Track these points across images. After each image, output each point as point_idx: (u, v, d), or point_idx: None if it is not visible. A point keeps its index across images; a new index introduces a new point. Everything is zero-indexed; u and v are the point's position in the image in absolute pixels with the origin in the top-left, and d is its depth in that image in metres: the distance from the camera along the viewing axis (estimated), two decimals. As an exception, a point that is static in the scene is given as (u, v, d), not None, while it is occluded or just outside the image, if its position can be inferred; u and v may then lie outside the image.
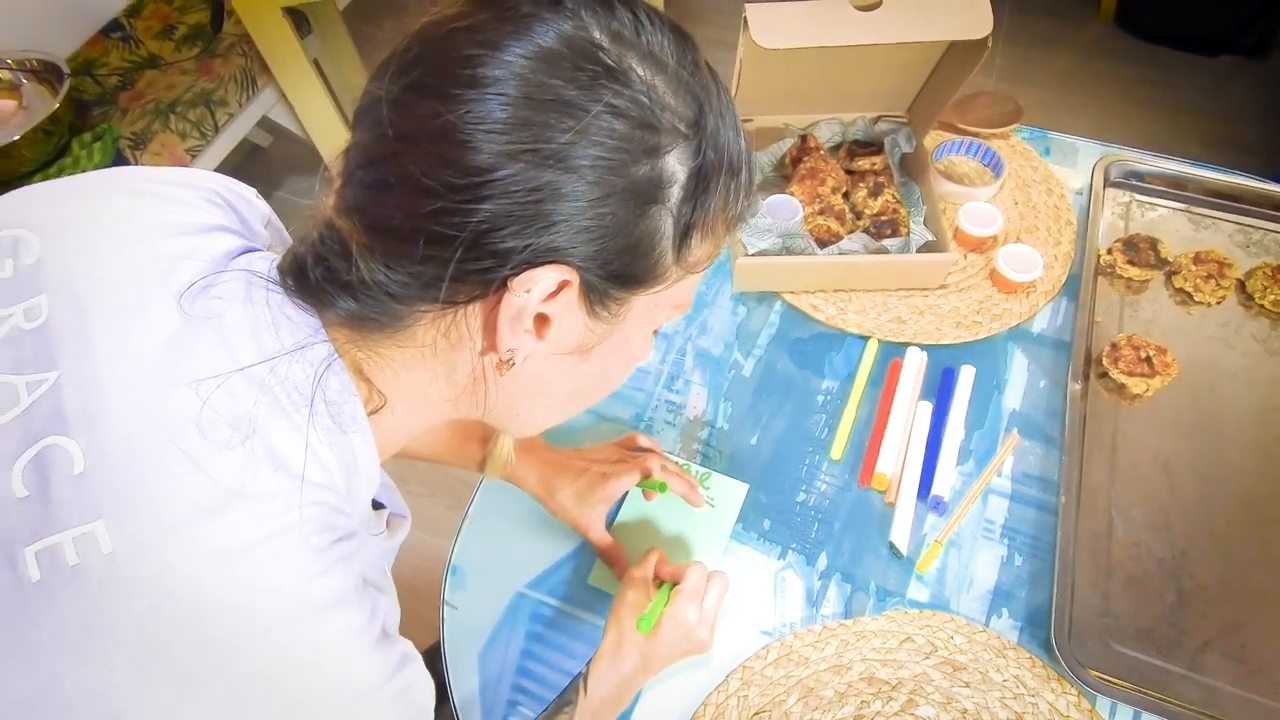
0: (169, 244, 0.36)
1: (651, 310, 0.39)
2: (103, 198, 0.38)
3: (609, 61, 0.32)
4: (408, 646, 0.37)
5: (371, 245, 0.33)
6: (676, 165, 0.34)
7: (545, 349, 0.37)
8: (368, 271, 0.33)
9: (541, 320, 0.35)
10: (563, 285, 0.34)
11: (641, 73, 0.33)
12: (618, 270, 0.35)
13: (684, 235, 0.36)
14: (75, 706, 0.29)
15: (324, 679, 0.33)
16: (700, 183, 0.35)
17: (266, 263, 0.37)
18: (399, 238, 0.33)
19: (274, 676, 0.31)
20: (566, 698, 0.57)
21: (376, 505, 0.46)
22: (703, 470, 0.73)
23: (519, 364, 0.37)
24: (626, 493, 0.72)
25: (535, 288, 0.33)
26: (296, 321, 0.35)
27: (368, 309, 0.35)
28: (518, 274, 0.33)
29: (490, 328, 0.35)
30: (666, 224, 0.35)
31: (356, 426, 0.36)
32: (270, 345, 0.34)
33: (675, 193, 0.35)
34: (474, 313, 0.35)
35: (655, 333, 0.43)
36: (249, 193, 0.43)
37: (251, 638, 0.31)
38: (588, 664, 0.58)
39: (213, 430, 0.32)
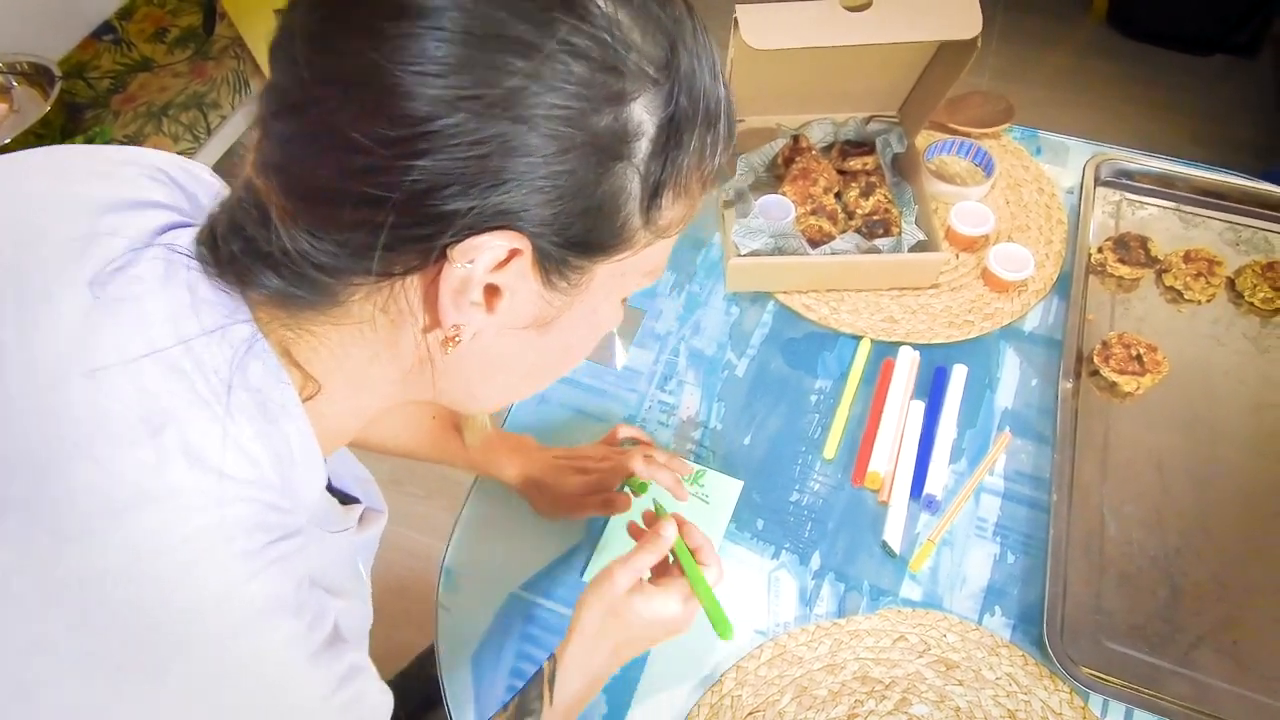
0: (87, 223, 0.32)
1: (618, 279, 0.35)
2: (20, 178, 0.35)
3: None
4: (359, 657, 0.35)
5: (293, 209, 0.29)
6: (644, 115, 0.30)
7: (497, 323, 0.33)
8: (289, 240, 0.29)
9: (492, 291, 0.32)
10: (513, 254, 0.30)
11: (603, 5, 0.29)
12: (577, 236, 0.31)
13: (653, 195, 0.32)
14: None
15: (256, 694, 0.30)
16: (672, 135, 0.31)
17: (192, 238, 0.34)
18: (322, 200, 0.29)
19: (200, 692, 0.29)
20: (528, 706, 0.52)
21: (347, 499, 0.43)
22: (698, 467, 0.73)
23: (467, 341, 0.33)
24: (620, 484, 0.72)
25: (480, 257, 0.29)
26: (215, 302, 0.31)
27: (293, 284, 0.31)
28: (459, 241, 0.29)
29: (431, 302, 0.31)
30: (632, 183, 0.31)
31: (288, 414, 0.32)
32: (190, 329, 0.30)
33: (643, 147, 0.30)
34: (413, 285, 0.31)
35: (624, 301, 0.39)
36: (201, 170, 0.39)
37: (172, 654, 0.28)
38: (547, 661, 0.53)
39: (118, 424, 0.28)
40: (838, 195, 0.88)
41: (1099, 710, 0.60)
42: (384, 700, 0.37)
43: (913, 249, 0.82)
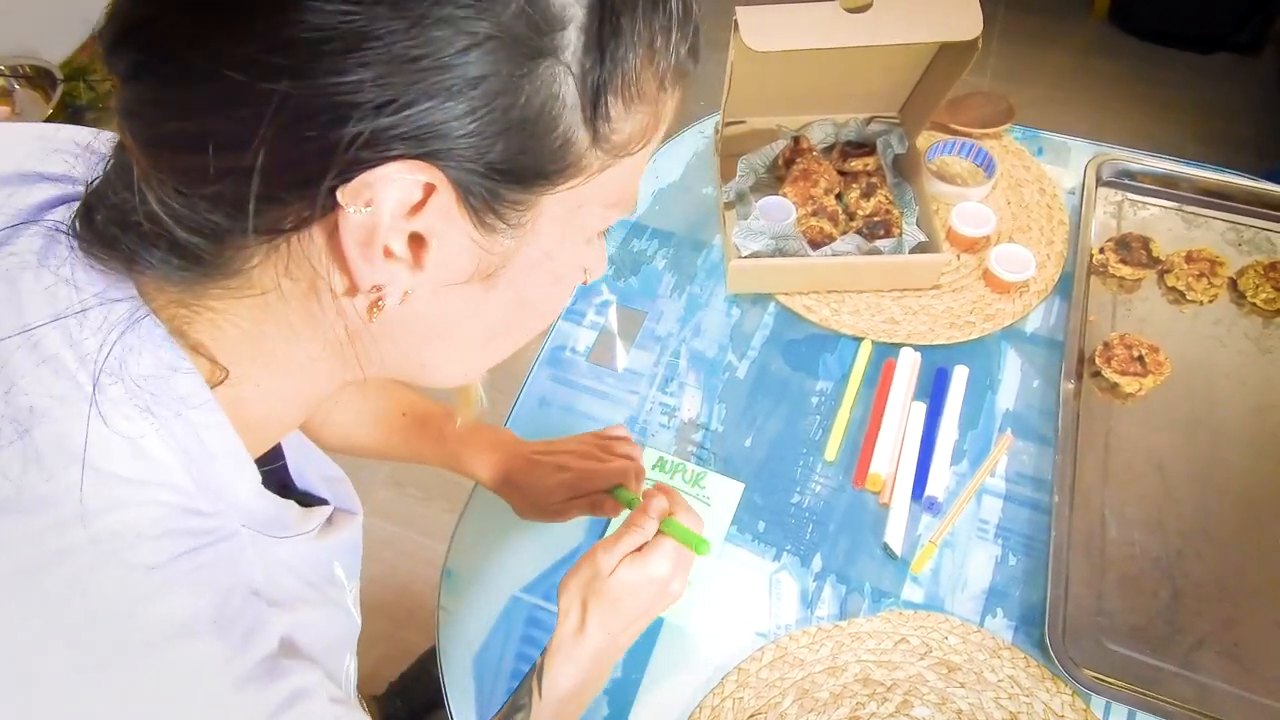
0: None
1: (573, 214, 0.29)
2: None
3: None
4: (309, 679, 0.30)
5: (151, 163, 0.25)
6: None
7: (429, 279, 0.27)
8: (157, 202, 0.25)
9: (416, 242, 0.26)
10: (428, 191, 0.25)
11: None
12: (504, 160, 0.25)
13: (594, 102, 0.26)
14: None
15: None
16: (607, 20, 0.25)
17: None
18: (182, 146, 0.24)
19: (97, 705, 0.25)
20: (519, 701, 0.50)
21: (313, 502, 0.39)
22: (698, 469, 0.73)
23: (395, 304, 0.28)
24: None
25: (380, 196, 0.24)
26: (93, 280, 0.27)
27: (174, 255, 0.26)
28: (347, 180, 0.24)
29: (339, 258, 0.26)
30: (566, 86, 0.25)
31: (193, 404, 0.27)
32: (64, 310, 0.27)
33: (571, 38, 0.25)
34: (314, 242, 0.26)
35: (601, 236, 0.33)
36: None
37: (65, 681, 0.24)
38: (539, 658, 0.50)
39: None
40: (839, 196, 0.88)
41: (1101, 712, 0.60)
42: None
43: (914, 250, 0.82)
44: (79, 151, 0.31)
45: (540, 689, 0.49)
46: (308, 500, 0.39)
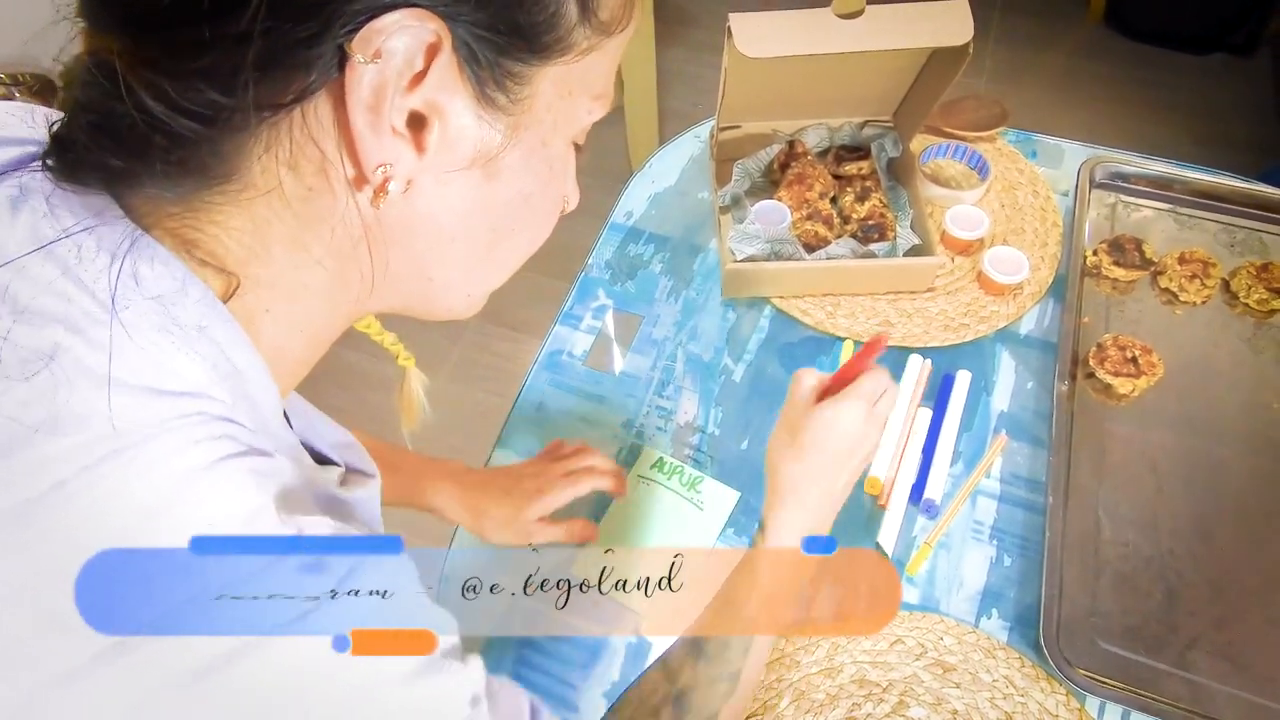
0: None
1: (565, 98, 0.29)
2: None
3: None
4: (446, 620, 0.31)
5: (138, 49, 0.24)
6: None
7: (432, 164, 0.27)
8: (146, 92, 0.24)
9: (418, 124, 0.26)
10: (432, 50, 0.25)
11: None
12: (503, 19, 0.25)
13: None
14: None
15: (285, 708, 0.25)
16: None
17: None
18: (171, 18, 0.23)
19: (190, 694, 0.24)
20: (731, 590, 0.48)
21: (324, 460, 0.38)
22: (696, 473, 0.74)
23: (400, 195, 0.28)
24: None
25: (388, 48, 0.24)
26: (74, 207, 0.26)
27: (168, 157, 0.25)
28: (356, 31, 0.23)
29: (347, 136, 0.25)
30: None
31: (209, 316, 0.26)
32: (48, 237, 0.26)
33: None
34: (318, 119, 0.25)
35: (578, 146, 0.33)
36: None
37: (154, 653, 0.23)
38: (755, 535, 0.50)
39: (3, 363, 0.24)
40: (833, 200, 0.89)
41: (1095, 712, 0.60)
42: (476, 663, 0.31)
43: (908, 253, 0.82)
44: (23, 115, 0.30)
45: (765, 534, 0.48)
46: (320, 461, 0.38)
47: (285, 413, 0.32)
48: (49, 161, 0.27)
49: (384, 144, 0.26)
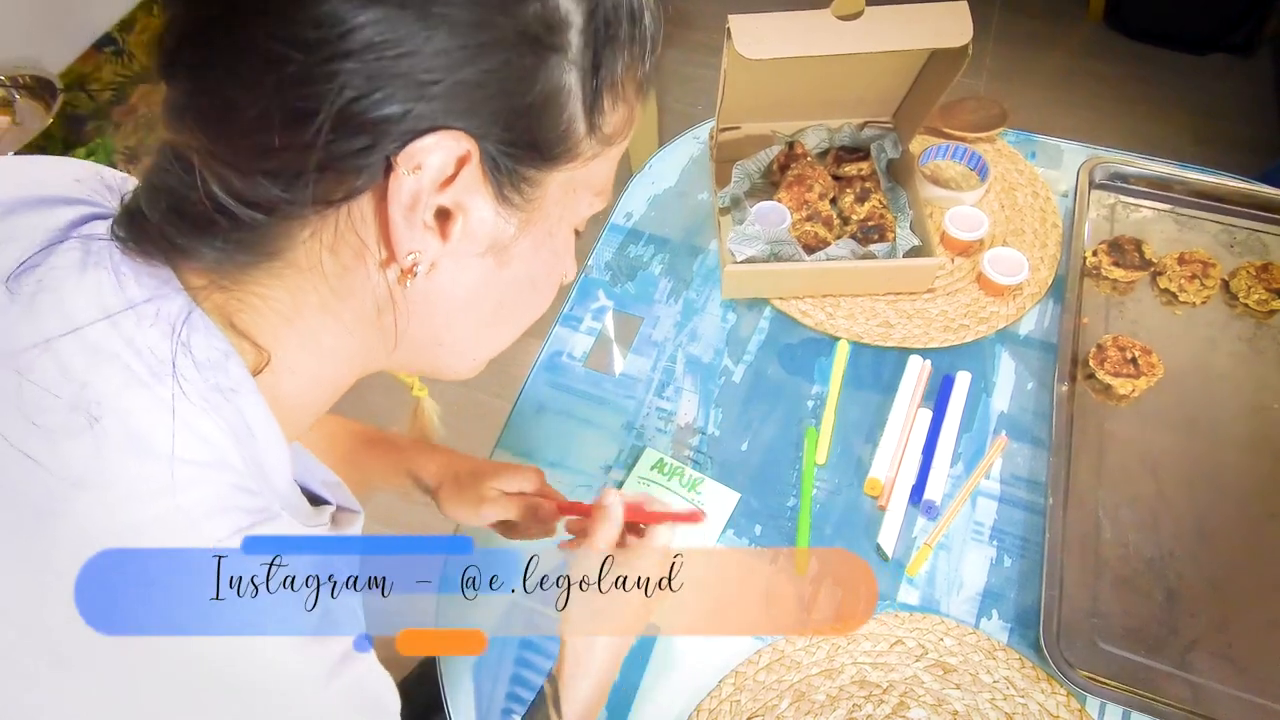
0: None
1: (570, 195, 0.34)
2: None
3: None
4: (355, 635, 0.34)
5: (214, 147, 0.28)
6: (569, 5, 0.29)
7: (454, 251, 0.31)
8: (217, 183, 0.28)
9: (444, 216, 0.30)
10: (461, 161, 0.29)
11: None
12: (524, 138, 0.30)
13: (594, 95, 0.31)
14: None
15: (243, 682, 0.29)
16: (601, 27, 0.30)
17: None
18: (247, 126, 0.27)
19: (182, 682, 0.28)
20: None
21: (318, 501, 0.41)
22: (696, 475, 0.74)
23: (425, 274, 0.31)
24: (619, 485, 0.73)
25: (427, 163, 0.28)
26: (140, 278, 0.29)
27: (227, 240, 0.29)
28: (401, 148, 0.27)
29: (384, 228, 0.29)
30: (571, 77, 0.30)
31: (239, 388, 0.30)
32: (114, 307, 0.29)
33: (574, 40, 0.30)
34: (360, 215, 0.29)
35: (578, 233, 0.38)
36: (121, 177, 0.38)
37: (144, 647, 0.27)
38: (550, 681, 0.52)
39: (45, 415, 0.27)
40: (833, 201, 0.89)
41: (1096, 713, 0.60)
42: (387, 684, 0.35)
43: (908, 254, 0.82)
44: (84, 177, 0.34)
45: (560, 712, 0.50)
46: (314, 500, 0.41)
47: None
48: (118, 231, 0.30)
49: (415, 235, 0.30)
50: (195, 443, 0.28)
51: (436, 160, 0.28)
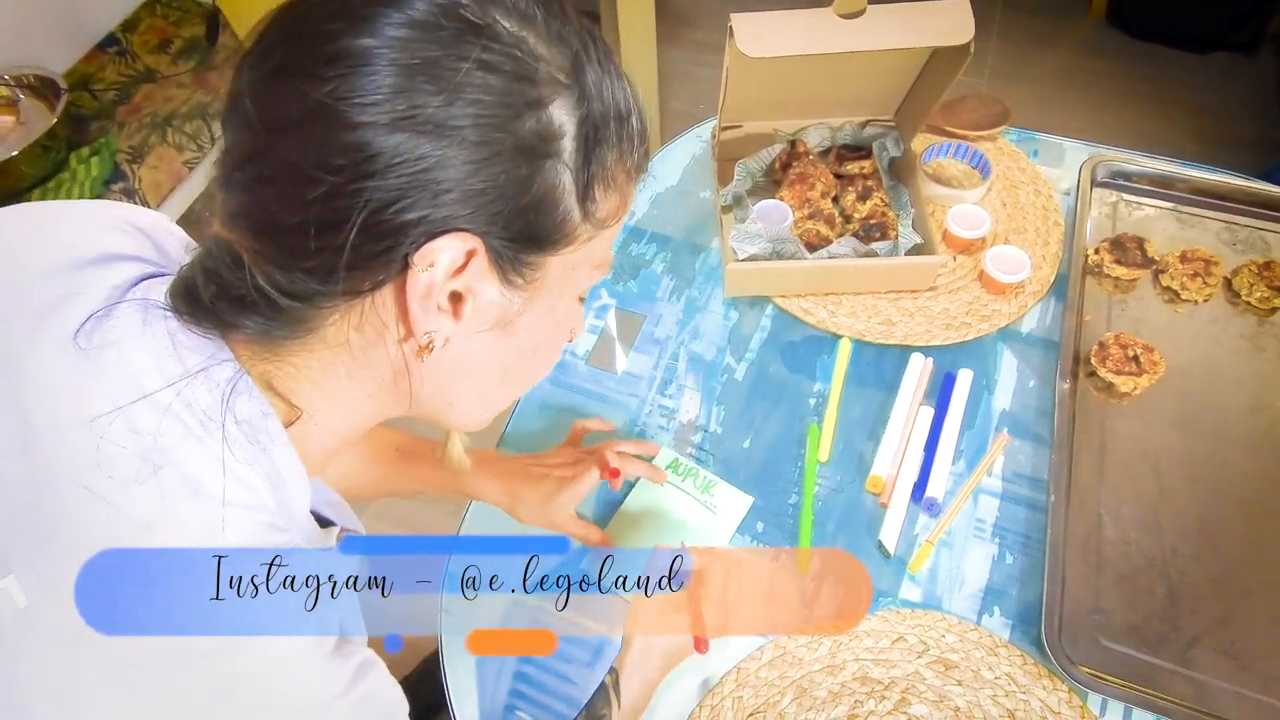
0: (59, 281, 0.36)
1: (569, 272, 0.38)
2: None
3: (473, 18, 0.31)
4: (368, 655, 0.37)
5: (261, 248, 0.33)
6: (563, 116, 0.33)
7: (465, 328, 0.36)
8: (262, 277, 0.32)
9: (456, 299, 0.34)
10: (469, 255, 0.33)
11: (509, 26, 0.32)
12: (523, 232, 0.34)
13: (586, 189, 0.35)
14: None
15: (271, 695, 0.33)
16: (590, 132, 0.34)
17: (164, 289, 0.36)
18: (288, 233, 0.32)
19: (218, 693, 0.32)
20: (596, 712, 0.57)
21: (325, 523, 0.46)
22: (711, 477, 0.74)
23: (439, 348, 0.36)
24: (629, 487, 0.74)
25: (439, 260, 0.32)
26: (195, 346, 0.34)
27: (269, 319, 0.34)
28: (418, 249, 0.32)
29: (403, 312, 0.34)
30: (564, 178, 0.34)
31: (275, 442, 0.35)
32: (174, 371, 0.33)
33: (567, 145, 0.34)
34: (383, 300, 0.34)
35: (581, 299, 0.42)
36: (164, 220, 0.42)
37: (188, 663, 0.31)
38: (610, 673, 0.58)
39: (118, 466, 0.31)
40: (835, 199, 0.89)
41: (1098, 709, 0.61)
42: (396, 693, 0.39)
43: (910, 252, 0.82)
44: (132, 230, 0.39)
45: (619, 699, 0.57)
46: (320, 523, 0.45)
47: None
48: (177, 304, 0.35)
49: (430, 318, 0.34)
50: (239, 488, 0.33)
51: (448, 257, 0.32)
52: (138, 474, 0.31)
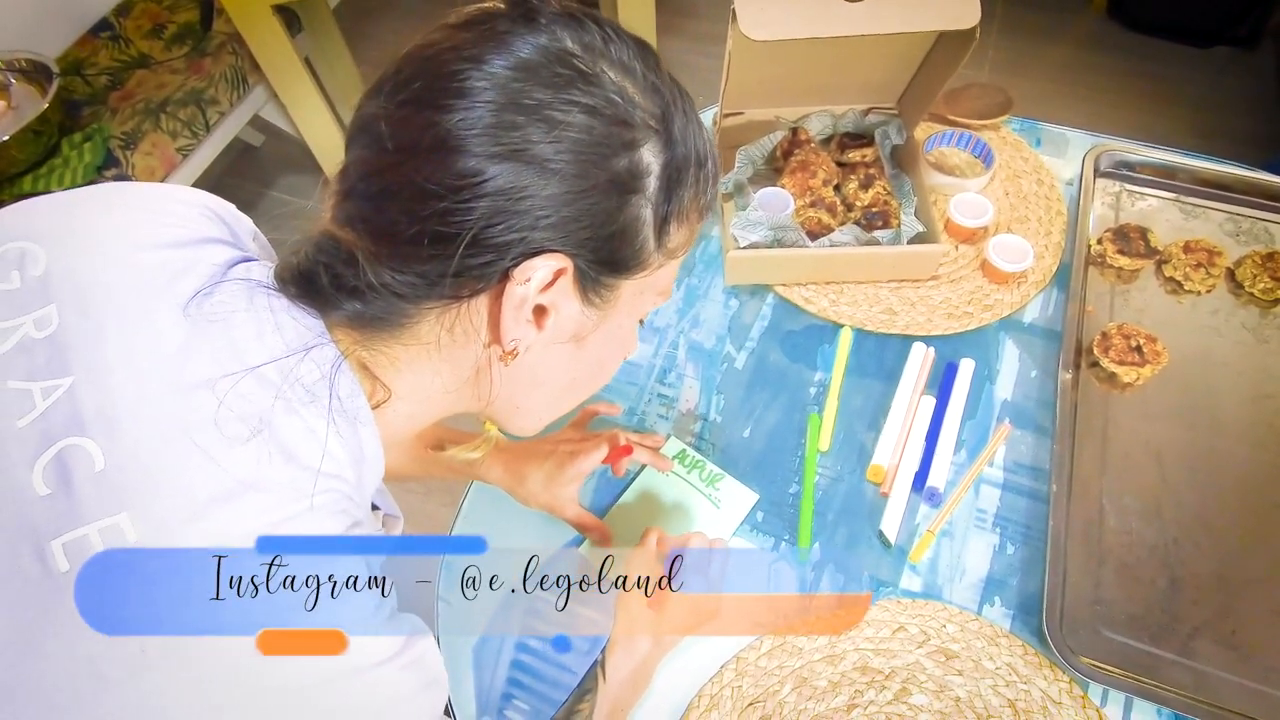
0: (168, 255, 0.38)
1: (638, 296, 0.42)
2: (102, 212, 0.40)
3: (583, 67, 0.36)
4: (417, 622, 0.39)
5: (378, 251, 0.36)
6: (650, 158, 0.38)
7: (544, 339, 0.39)
8: (375, 276, 0.36)
9: (540, 311, 0.38)
10: (558, 273, 0.37)
11: (613, 76, 0.37)
12: (606, 257, 0.38)
13: (663, 222, 0.39)
14: (110, 685, 0.31)
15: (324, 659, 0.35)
16: (673, 173, 0.39)
17: (263, 271, 0.39)
18: (405, 241, 0.35)
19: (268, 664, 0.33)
20: (586, 686, 0.58)
21: (372, 507, 0.47)
22: (717, 470, 0.73)
23: (521, 355, 0.40)
24: (633, 475, 0.73)
25: (534, 276, 0.36)
26: (300, 324, 0.38)
27: (375, 310, 0.37)
28: (517, 264, 0.36)
29: (494, 319, 0.38)
30: (646, 212, 0.38)
31: (362, 421, 0.38)
32: (276, 347, 0.36)
33: (651, 183, 0.38)
34: (477, 307, 0.38)
35: (640, 323, 0.46)
36: (233, 208, 0.45)
37: None
38: (603, 651, 0.59)
39: (227, 426, 0.34)
40: (836, 188, 0.88)
41: (1098, 699, 0.60)
42: (440, 659, 0.41)
43: (912, 241, 0.82)
44: (213, 216, 0.43)
45: (604, 675, 0.58)
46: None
47: None
48: (289, 287, 0.38)
49: (519, 327, 0.38)
50: (328, 460, 0.36)
51: (541, 274, 0.36)
52: (241, 435, 0.34)
